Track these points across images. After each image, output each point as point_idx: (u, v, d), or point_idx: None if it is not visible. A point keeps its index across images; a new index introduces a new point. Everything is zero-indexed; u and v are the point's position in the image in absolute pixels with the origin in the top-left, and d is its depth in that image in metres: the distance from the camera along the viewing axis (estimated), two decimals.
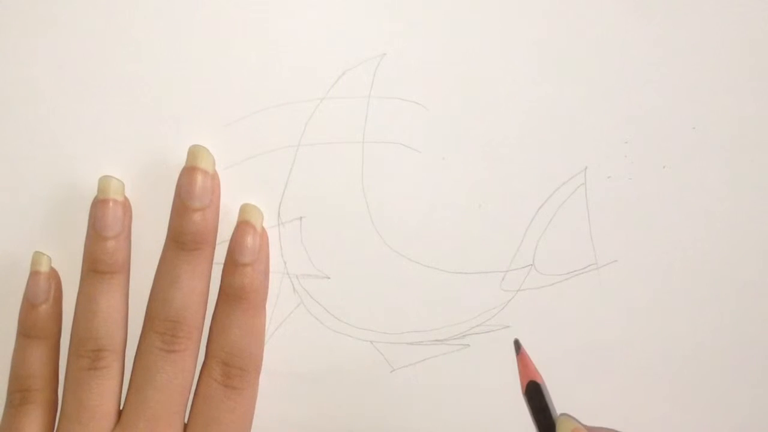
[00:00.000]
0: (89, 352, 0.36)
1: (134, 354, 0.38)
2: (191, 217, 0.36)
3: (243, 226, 0.38)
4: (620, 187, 0.41)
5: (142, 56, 0.35)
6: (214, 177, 0.36)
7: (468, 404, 0.45)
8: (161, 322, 0.36)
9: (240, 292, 0.37)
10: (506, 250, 0.41)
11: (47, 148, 0.36)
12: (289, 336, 0.41)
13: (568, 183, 0.40)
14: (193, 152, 0.36)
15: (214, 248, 0.37)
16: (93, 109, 0.36)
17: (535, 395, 0.39)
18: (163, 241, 0.38)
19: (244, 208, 0.38)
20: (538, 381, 0.40)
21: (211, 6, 0.35)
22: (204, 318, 0.38)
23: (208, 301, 0.38)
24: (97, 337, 0.36)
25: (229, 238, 0.38)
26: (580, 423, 0.38)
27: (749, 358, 0.45)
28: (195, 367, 0.38)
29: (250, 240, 0.37)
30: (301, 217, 0.39)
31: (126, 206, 0.37)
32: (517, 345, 0.42)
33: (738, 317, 0.45)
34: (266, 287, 0.39)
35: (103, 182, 0.37)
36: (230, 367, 0.38)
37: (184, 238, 0.36)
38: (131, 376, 0.37)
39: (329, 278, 0.41)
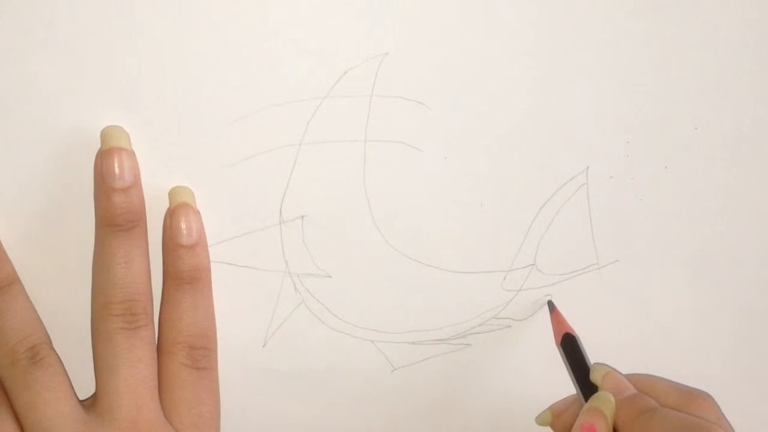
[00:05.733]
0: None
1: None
2: (121, 197, 0.36)
3: (181, 208, 0.37)
4: (622, 187, 0.41)
5: (143, 55, 0.35)
6: (133, 154, 0.36)
7: (469, 404, 0.45)
8: (118, 305, 0.36)
9: (193, 274, 0.38)
10: (508, 250, 0.41)
11: (47, 146, 0.36)
12: (290, 335, 0.41)
13: (569, 183, 0.40)
14: (108, 133, 0.36)
15: (146, 223, 0.37)
16: (92, 108, 0.36)
17: (570, 345, 0.40)
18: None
19: (175, 191, 0.38)
20: (573, 334, 0.41)
21: (212, 4, 0.35)
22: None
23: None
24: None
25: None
26: (613, 368, 0.39)
27: (750, 357, 0.46)
28: (155, 340, 0.38)
29: (192, 221, 0.37)
30: (302, 216, 0.39)
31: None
32: (551, 305, 0.42)
33: (739, 317, 0.45)
34: (210, 264, 0.39)
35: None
36: (195, 349, 0.38)
37: (118, 219, 0.36)
38: (96, 364, 0.37)
39: (331, 277, 0.41)
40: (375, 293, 0.41)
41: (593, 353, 0.41)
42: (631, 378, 0.39)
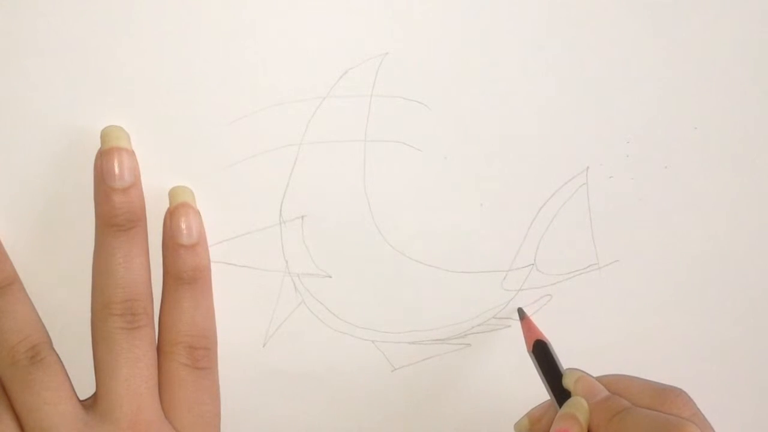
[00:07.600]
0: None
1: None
2: (121, 197, 0.36)
3: (181, 208, 0.37)
4: (622, 187, 0.41)
5: (143, 55, 0.35)
6: (133, 154, 0.36)
7: (469, 404, 0.45)
8: (119, 305, 0.36)
9: (193, 274, 0.38)
10: (508, 250, 0.41)
11: (47, 146, 0.36)
12: (290, 335, 0.41)
13: (569, 183, 0.40)
14: (108, 133, 0.36)
15: (146, 223, 0.37)
16: (92, 108, 0.36)
17: (542, 351, 0.40)
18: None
19: (175, 191, 0.38)
20: (544, 340, 0.41)
21: (212, 4, 0.35)
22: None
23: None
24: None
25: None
26: (585, 372, 0.39)
27: (750, 357, 0.46)
28: (155, 340, 0.38)
29: (192, 220, 0.37)
30: (302, 216, 0.39)
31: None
32: (521, 312, 0.42)
33: (739, 317, 0.45)
34: (210, 264, 0.39)
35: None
36: (196, 349, 0.38)
37: (118, 219, 0.36)
38: (96, 364, 0.37)
39: (331, 277, 0.41)
40: (375, 293, 0.41)
41: (593, 353, 0.41)
42: (605, 379, 0.39)
